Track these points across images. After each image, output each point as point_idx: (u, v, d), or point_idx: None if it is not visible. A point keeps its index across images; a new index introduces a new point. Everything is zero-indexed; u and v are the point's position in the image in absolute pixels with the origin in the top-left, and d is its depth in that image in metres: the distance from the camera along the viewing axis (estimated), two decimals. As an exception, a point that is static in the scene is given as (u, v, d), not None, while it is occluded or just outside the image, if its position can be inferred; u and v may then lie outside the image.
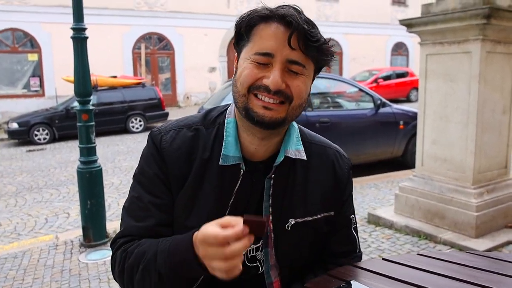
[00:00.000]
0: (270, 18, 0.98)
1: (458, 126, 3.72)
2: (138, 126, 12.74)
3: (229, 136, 1.08)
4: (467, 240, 3.57)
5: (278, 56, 0.97)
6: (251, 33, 1.00)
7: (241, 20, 1.01)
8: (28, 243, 4.23)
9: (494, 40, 3.58)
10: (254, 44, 0.99)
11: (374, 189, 5.59)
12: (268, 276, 1.15)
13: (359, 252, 1.26)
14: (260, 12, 0.99)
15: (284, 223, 1.11)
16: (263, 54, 0.97)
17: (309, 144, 1.18)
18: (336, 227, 1.21)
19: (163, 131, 1.12)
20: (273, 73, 0.97)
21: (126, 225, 1.11)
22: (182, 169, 1.08)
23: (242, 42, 1.03)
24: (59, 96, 14.90)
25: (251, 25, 1.00)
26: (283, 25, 0.97)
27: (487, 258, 1.27)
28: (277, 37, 0.97)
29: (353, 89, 7.09)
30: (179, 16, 17.87)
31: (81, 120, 3.90)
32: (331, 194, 1.17)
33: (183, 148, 1.09)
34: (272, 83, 0.96)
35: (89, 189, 3.94)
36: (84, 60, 3.84)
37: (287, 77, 0.99)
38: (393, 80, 18.27)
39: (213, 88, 18.58)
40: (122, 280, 1.07)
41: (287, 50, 0.97)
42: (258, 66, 0.99)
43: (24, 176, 7.48)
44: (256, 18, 0.99)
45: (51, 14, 15.48)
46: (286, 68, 0.99)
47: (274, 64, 0.97)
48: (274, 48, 0.97)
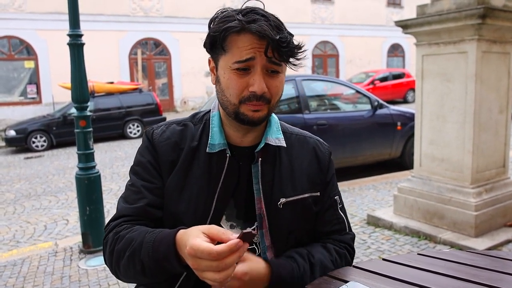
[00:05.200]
0: (243, 30, 1.05)
1: (455, 126, 3.73)
2: (136, 131, 12.72)
3: (215, 127, 1.20)
4: (467, 240, 3.58)
5: (257, 63, 1.06)
6: (225, 43, 1.08)
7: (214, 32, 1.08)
8: (27, 250, 4.22)
9: (489, 40, 3.60)
10: (232, 55, 1.07)
11: (372, 191, 5.59)
12: (265, 257, 1.20)
13: (351, 232, 1.32)
14: (233, 26, 1.05)
15: (276, 202, 1.18)
16: (244, 61, 1.06)
17: (290, 135, 1.28)
18: (323, 207, 1.27)
19: (155, 127, 1.25)
20: (257, 80, 1.07)
21: (120, 208, 1.19)
22: (171, 156, 1.18)
23: (217, 50, 1.11)
24: (56, 103, 14.89)
25: (224, 36, 1.07)
26: (256, 36, 1.04)
27: (488, 256, 1.27)
28: (253, 47, 1.05)
29: (350, 91, 7.10)
30: (174, 21, 17.89)
31: (78, 127, 3.89)
32: (316, 176, 1.26)
33: (172, 138, 1.20)
34: (258, 89, 1.07)
35: (88, 195, 3.93)
36: (81, 67, 3.83)
37: (267, 79, 1.09)
38: (389, 81, 18.31)
39: (210, 92, 18.57)
40: (111, 262, 1.12)
41: (264, 59, 1.06)
42: (240, 74, 1.08)
43: (22, 184, 7.46)
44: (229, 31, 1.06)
45: (47, 21, 15.49)
46: (265, 70, 1.08)
47: (255, 71, 1.07)
48: (253, 55, 1.06)
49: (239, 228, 1.20)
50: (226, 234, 0.89)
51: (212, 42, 1.10)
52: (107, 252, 1.14)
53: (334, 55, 22.32)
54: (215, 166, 1.17)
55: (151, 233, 1.05)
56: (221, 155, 1.17)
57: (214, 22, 1.10)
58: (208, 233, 0.91)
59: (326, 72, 21.95)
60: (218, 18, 1.09)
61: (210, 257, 0.86)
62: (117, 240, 1.10)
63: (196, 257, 0.88)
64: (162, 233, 1.03)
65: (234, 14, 1.07)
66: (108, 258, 1.13)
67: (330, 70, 22.35)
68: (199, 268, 0.89)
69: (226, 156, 1.17)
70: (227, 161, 1.16)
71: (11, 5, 15.25)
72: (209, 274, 0.88)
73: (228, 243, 0.86)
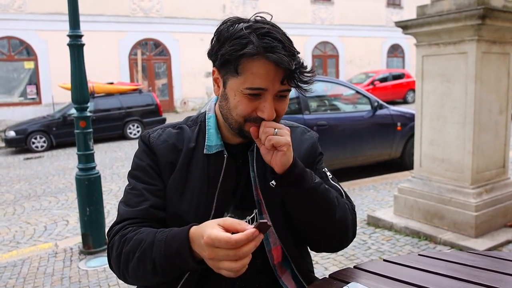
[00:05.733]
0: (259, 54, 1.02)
1: (456, 126, 3.73)
2: (136, 132, 12.73)
3: (211, 129, 1.21)
4: (467, 240, 3.58)
5: (270, 91, 1.06)
6: (239, 65, 1.04)
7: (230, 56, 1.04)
8: (27, 251, 4.22)
9: (489, 41, 3.60)
10: (245, 80, 1.05)
11: (373, 191, 5.59)
12: (267, 243, 1.21)
13: (348, 198, 1.32)
14: (250, 52, 1.01)
15: (269, 182, 1.16)
16: (256, 89, 1.05)
17: None
18: None
19: (150, 132, 1.25)
20: (267, 107, 1.06)
21: (122, 212, 1.17)
22: (170, 158, 1.19)
23: (229, 70, 1.07)
24: (56, 104, 14.89)
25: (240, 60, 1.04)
26: (273, 65, 1.02)
27: (488, 257, 1.27)
28: (269, 75, 1.04)
29: (350, 92, 7.10)
30: (174, 21, 17.90)
31: (79, 127, 3.89)
32: (307, 157, 1.28)
33: (169, 140, 1.21)
34: (268, 117, 1.07)
35: (88, 196, 3.93)
36: (81, 67, 3.83)
37: (275, 103, 1.09)
38: (389, 82, 18.32)
39: (210, 93, 18.59)
40: (118, 265, 1.11)
41: (277, 85, 1.05)
42: (251, 98, 1.07)
43: (22, 184, 7.46)
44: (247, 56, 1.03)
45: (47, 21, 15.50)
46: (275, 96, 1.08)
47: (266, 97, 1.06)
48: (266, 85, 1.05)
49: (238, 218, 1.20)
50: (241, 224, 0.91)
51: (225, 63, 1.07)
52: (113, 256, 1.12)
53: (334, 56, 22.33)
54: (213, 168, 1.18)
55: (161, 232, 1.06)
56: (218, 156, 1.18)
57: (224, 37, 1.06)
58: (223, 224, 0.92)
59: (326, 73, 21.96)
60: (229, 34, 1.05)
61: (227, 246, 0.87)
62: (124, 242, 1.10)
63: (214, 246, 0.89)
64: (174, 231, 1.04)
65: (247, 33, 1.02)
66: (115, 262, 1.12)
67: (330, 71, 22.36)
68: (216, 258, 0.90)
69: (224, 157, 1.18)
70: (225, 162, 1.18)
71: (11, 6, 15.26)
72: (225, 263, 0.89)
73: (246, 231, 0.87)
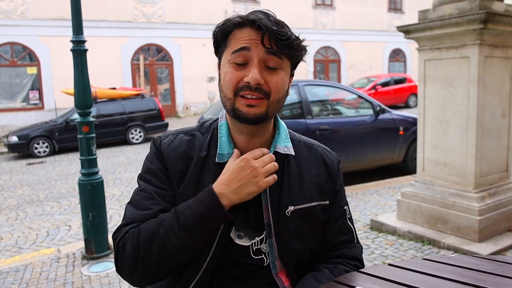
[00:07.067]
0: (243, 25, 1.07)
1: (458, 131, 3.73)
2: (138, 137, 12.74)
3: (223, 136, 1.19)
4: (471, 245, 3.56)
5: (254, 55, 1.06)
6: (227, 39, 1.10)
7: (216, 29, 1.11)
8: (29, 256, 4.21)
9: (491, 45, 3.60)
10: (230, 48, 1.09)
11: (375, 196, 5.58)
12: (274, 266, 1.19)
13: (358, 243, 1.30)
14: (233, 20, 1.08)
15: (284, 210, 1.17)
16: (239, 49, 1.06)
17: (298, 142, 1.28)
18: (332, 217, 1.26)
19: (162, 137, 1.24)
20: (252, 71, 1.05)
21: (130, 214, 1.14)
22: (180, 165, 1.17)
23: (220, 49, 1.13)
24: (58, 109, 14.93)
25: (226, 32, 1.10)
26: (255, 29, 1.06)
27: (494, 261, 1.27)
28: (251, 38, 1.06)
29: (352, 96, 7.11)
30: (176, 27, 17.96)
31: (81, 132, 3.90)
32: (325, 184, 1.25)
33: (180, 148, 1.19)
34: (252, 79, 1.05)
35: (91, 201, 3.93)
36: (84, 73, 3.85)
37: (265, 74, 1.07)
38: (391, 86, 18.31)
39: (212, 97, 18.62)
40: (136, 258, 1.06)
41: (261, 50, 1.06)
42: (237, 67, 1.07)
43: (25, 189, 7.47)
44: (230, 26, 1.08)
45: (50, 27, 15.57)
46: (263, 65, 1.07)
47: (252, 63, 1.06)
48: (248, 44, 1.06)
49: (247, 238, 1.18)
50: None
51: (215, 41, 1.12)
52: (127, 253, 1.08)
53: (335, 60, 22.36)
54: None
55: (180, 206, 1.09)
56: None
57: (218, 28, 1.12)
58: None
59: (328, 77, 21.98)
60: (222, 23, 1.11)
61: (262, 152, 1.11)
62: (139, 233, 1.07)
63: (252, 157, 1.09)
64: (196, 196, 1.10)
65: (236, 15, 1.09)
66: (130, 258, 1.07)
67: (332, 75, 22.37)
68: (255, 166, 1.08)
69: None
70: None
71: (14, 12, 15.33)
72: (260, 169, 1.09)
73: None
